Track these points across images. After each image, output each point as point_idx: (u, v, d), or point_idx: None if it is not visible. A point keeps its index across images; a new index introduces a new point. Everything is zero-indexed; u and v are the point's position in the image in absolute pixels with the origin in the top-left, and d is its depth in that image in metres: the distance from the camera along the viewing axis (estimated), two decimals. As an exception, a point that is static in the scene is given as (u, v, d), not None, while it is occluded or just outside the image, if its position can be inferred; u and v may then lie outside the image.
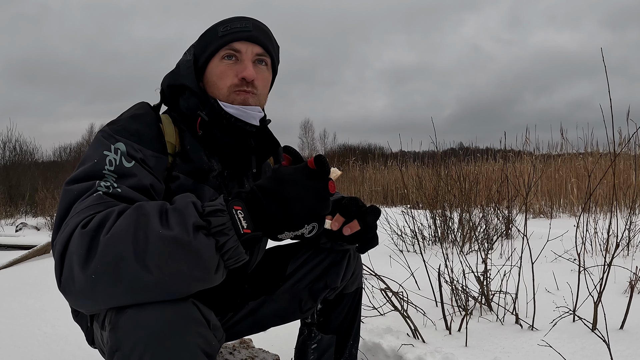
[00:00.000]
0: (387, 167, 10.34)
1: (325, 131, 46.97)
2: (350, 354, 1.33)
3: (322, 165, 0.81)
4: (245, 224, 0.77)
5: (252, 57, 1.06)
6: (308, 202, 0.80)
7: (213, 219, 0.75)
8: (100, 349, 1.07)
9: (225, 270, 0.79)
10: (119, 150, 0.89)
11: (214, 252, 0.75)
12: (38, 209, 10.37)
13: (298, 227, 0.81)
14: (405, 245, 3.78)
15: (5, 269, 4.15)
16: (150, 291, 0.73)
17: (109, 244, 0.72)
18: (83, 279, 0.72)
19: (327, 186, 0.82)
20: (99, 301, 0.74)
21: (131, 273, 0.71)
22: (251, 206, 0.79)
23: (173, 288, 0.74)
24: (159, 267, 0.71)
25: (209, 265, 0.75)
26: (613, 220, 2.35)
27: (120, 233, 0.72)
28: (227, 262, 0.78)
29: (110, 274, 0.71)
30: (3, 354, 1.88)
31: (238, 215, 0.77)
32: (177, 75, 1.08)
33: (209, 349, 0.77)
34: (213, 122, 1.03)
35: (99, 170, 0.86)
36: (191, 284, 0.75)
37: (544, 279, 2.34)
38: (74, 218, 0.78)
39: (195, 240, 0.73)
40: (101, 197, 0.81)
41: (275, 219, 0.79)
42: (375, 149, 24.80)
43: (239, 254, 0.78)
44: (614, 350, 1.43)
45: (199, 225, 0.74)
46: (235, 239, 0.76)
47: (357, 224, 1.02)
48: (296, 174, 0.81)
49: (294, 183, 0.80)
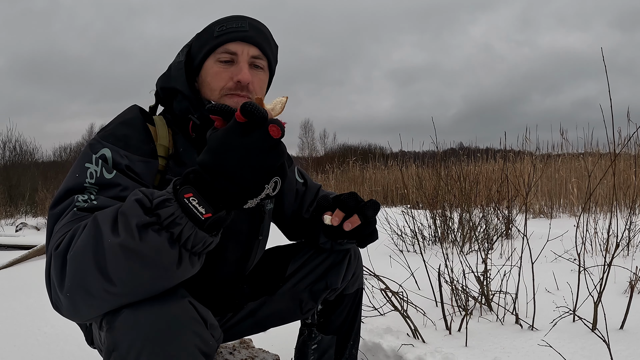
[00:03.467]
0: (387, 167, 10.33)
1: (325, 131, 46.95)
2: (350, 354, 1.33)
3: (251, 115, 0.70)
4: (202, 209, 0.72)
5: (247, 59, 1.04)
6: (254, 161, 0.71)
7: (162, 211, 0.71)
8: (100, 349, 1.07)
9: (196, 258, 0.76)
10: (99, 161, 0.88)
11: (168, 246, 0.71)
12: (38, 209, 10.37)
13: (257, 192, 0.74)
14: (405, 245, 3.78)
15: (5, 269, 4.15)
16: (124, 298, 0.73)
17: (72, 262, 0.73)
18: (63, 299, 0.74)
19: (267, 133, 0.71)
20: (84, 315, 0.75)
21: (99, 287, 0.71)
22: (201, 187, 0.73)
23: (144, 291, 0.74)
24: (119, 277, 0.71)
25: (165, 262, 0.72)
26: (613, 220, 2.35)
27: (80, 248, 0.72)
28: (194, 249, 0.74)
29: (81, 290, 0.72)
30: (3, 354, 1.88)
31: (192, 203, 0.71)
32: (169, 77, 1.07)
33: (206, 349, 0.77)
34: (205, 125, 1.01)
35: (80, 184, 0.86)
36: (159, 284, 0.74)
37: (544, 279, 2.34)
38: (52, 240, 0.79)
39: (142, 242, 0.70)
40: (75, 214, 0.81)
41: (229, 193, 0.72)
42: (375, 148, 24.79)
43: (202, 239, 0.74)
44: (614, 350, 1.43)
45: (145, 223, 0.71)
46: (191, 226, 0.72)
47: (358, 219, 1.02)
48: (228, 137, 0.72)
49: (230, 148, 0.71)
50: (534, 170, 3.78)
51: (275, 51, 1.13)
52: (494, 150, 8.14)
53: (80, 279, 0.71)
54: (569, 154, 7.06)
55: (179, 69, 1.06)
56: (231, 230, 1.07)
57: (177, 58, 1.09)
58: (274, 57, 1.12)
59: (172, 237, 0.71)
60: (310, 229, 1.24)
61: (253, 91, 1.04)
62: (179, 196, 0.72)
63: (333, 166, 11.96)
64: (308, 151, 33.91)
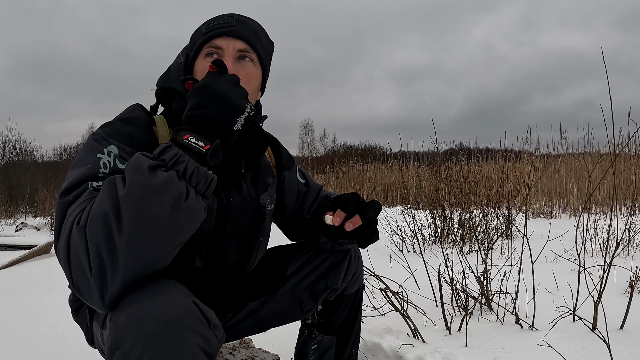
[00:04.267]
0: (387, 167, 10.33)
1: (325, 131, 46.80)
2: (350, 354, 1.33)
3: (221, 64, 0.92)
4: (201, 142, 0.83)
5: (233, 53, 1.02)
6: (234, 88, 0.88)
7: (165, 155, 0.80)
8: (100, 349, 1.07)
9: (201, 197, 0.82)
10: (112, 153, 0.90)
11: (176, 179, 0.78)
12: (38, 209, 10.37)
13: (242, 108, 0.87)
14: (405, 245, 3.78)
15: (5, 269, 4.15)
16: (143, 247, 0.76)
17: (91, 224, 0.75)
18: (92, 270, 0.74)
19: (235, 75, 0.92)
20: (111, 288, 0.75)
21: (120, 237, 0.74)
22: (194, 125, 0.84)
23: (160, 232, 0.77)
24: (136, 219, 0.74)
25: (176, 192, 0.77)
26: (613, 220, 2.35)
27: (96, 208, 0.76)
28: (197, 186, 0.81)
29: (106, 252, 0.74)
30: (3, 354, 1.88)
31: (190, 140, 0.83)
32: (168, 78, 1.07)
33: (208, 348, 0.77)
34: None
35: (94, 174, 0.87)
36: (173, 219, 0.78)
37: (544, 279, 2.34)
38: (70, 218, 0.80)
39: (154, 178, 0.76)
40: (91, 193, 0.84)
41: (220, 117, 0.85)
42: (375, 148, 24.78)
43: (205, 174, 0.82)
44: (614, 350, 1.43)
45: (154, 165, 0.78)
46: (193, 162, 0.80)
47: (359, 219, 1.02)
48: (210, 79, 0.89)
49: (214, 83, 0.87)
50: (534, 170, 3.79)
51: (267, 47, 1.11)
52: (494, 150, 8.15)
53: (102, 237, 0.74)
54: (569, 154, 7.07)
55: (178, 69, 1.06)
56: (232, 232, 1.08)
57: (177, 59, 1.09)
58: (266, 52, 1.09)
59: (178, 173, 0.79)
60: (311, 229, 1.24)
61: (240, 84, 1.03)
62: (178, 139, 0.83)
63: (333, 166, 11.97)
64: (308, 151, 33.90)
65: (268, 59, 1.11)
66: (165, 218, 0.77)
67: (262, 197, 1.14)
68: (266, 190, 1.15)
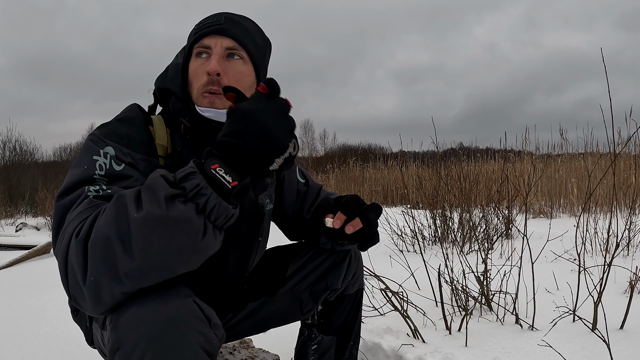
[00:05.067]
0: (387, 167, 10.33)
1: (325, 131, 46.74)
2: (350, 355, 1.33)
3: (274, 86, 0.80)
4: (229, 177, 0.75)
5: (221, 51, 1.01)
6: (280, 121, 0.78)
7: (186, 183, 0.74)
8: (100, 349, 1.07)
9: (218, 232, 0.78)
10: (108, 155, 0.89)
11: (195, 215, 0.73)
12: (38, 209, 10.37)
13: (284, 147, 0.78)
14: (405, 245, 3.78)
15: (5, 269, 4.15)
16: (148, 276, 0.73)
17: (94, 245, 0.72)
18: (86, 286, 0.73)
19: (286, 101, 0.81)
20: (106, 303, 0.74)
21: (125, 265, 0.71)
22: (227, 155, 0.76)
23: (168, 267, 0.74)
24: (145, 250, 0.71)
25: (192, 230, 0.73)
26: (613, 220, 2.35)
27: (101, 228, 0.72)
28: (216, 221, 0.76)
29: (107, 273, 0.71)
30: (3, 354, 1.88)
31: (218, 172, 0.75)
32: (165, 78, 1.07)
33: (209, 348, 0.77)
34: (195, 128, 1.01)
35: (90, 176, 0.86)
36: (184, 256, 0.75)
37: (544, 279, 2.34)
38: (69, 227, 0.78)
39: (171, 211, 0.71)
40: (91, 201, 0.81)
41: (258, 153, 0.76)
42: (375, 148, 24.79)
43: (225, 210, 0.76)
44: (614, 350, 1.43)
45: (172, 195, 0.72)
46: (215, 197, 0.74)
47: (360, 222, 1.02)
48: (256, 103, 0.79)
49: (259, 110, 0.78)
50: (534, 170, 3.78)
51: (261, 44, 1.09)
52: (494, 150, 8.15)
53: (104, 261, 0.71)
54: (569, 154, 7.07)
55: (175, 70, 1.06)
56: (231, 232, 1.07)
57: (175, 59, 1.09)
58: (258, 50, 1.07)
59: (197, 207, 0.73)
60: (311, 229, 1.24)
61: (227, 83, 1.00)
62: (206, 168, 0.75)
63: (333, 166, 11.97)
64: (308, 151, 33.89)
65: (261, 57, 1.08)
66: (177, 254, 0.74)
67: (260, 197, 1.14)
68: (265, 190, 1.15)
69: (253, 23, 1.10)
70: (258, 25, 1.11)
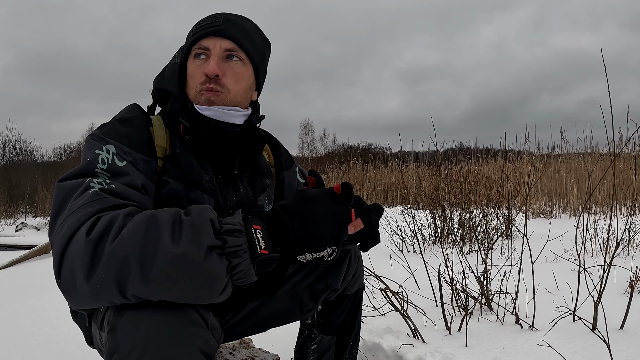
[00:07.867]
0: (387, 167, 10.34)
1: (325, 131, 46.78)
2: (350, 355, 1.33)
3: (348, 192, 0.83)
4: (263, 244, 0.76)
5: (220, 53, 1.01)
6: (332, 224, 0.80)
7: (230, 238, 0.74)
8: (99, 349, 1.07)
9: (230, 289, 0.78)
10: (110, 151, 0.89)
11: (224, 274, 0.73)
12: (38, 209, 10.38)
13: (320, 248, 0.79)
14: (405, 245, 3.78)
15: (5, 269, 4.15)
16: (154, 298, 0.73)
17: (113, 256, 0.71)
18: (87, 289, 0.71)
19: (350, 212, 0.82)
20: (96, 305, 0.74)
21: (136, 287, 0.70)
22: (272, 226, 0.78)
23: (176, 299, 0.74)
24: (163, 283, 0.71)
25: (216, 287, 0.74)
26: (613, 220, 2.35)
27: (127, 242, 0.71)
28: (236, 281, 0.77)
29: (114, 286, 0.71)
30: (3, 354, 1.88)
31: (257, 234, 0.76)
32: (163, 79, 1.06)
33: (207, 349, 0.77)
34: (194, 128, 1.00)
35: (92, 169, 0.86)
36: (196, 300, 0.75)
37: (544, 279, 2.34)
38: (72, 216, 0.77)
39: (206, 262, 0.71)
40: (97, 194, 0.80)
41: (298, 238, 0.78)
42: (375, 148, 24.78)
43: (250, 276, 0.77)
44: (614, 350, 1.43)
45: (213, 246, 0.72)
46: (249, 262, 0.75)
47: (361, 223, 1.02)
48: (323, 196, 0.82)
49: (320, 204, 0.80)
50: (534, 170, 3.79)
51: (260, 45, 1.08)
52: (494, 150, 8.15)
53: (119, 275, 0.70)
54: (569, 154, 7.07)
55: (173, 70, 1.05)
56: None
57: (173, 59, 1.08)
58: (258, 51, 1.07)
59: (229, 265, 0.74)
60: None
61: (225, 84, 1.01)
62: (248, 225, 0.77)
63: (333, 166, 11.97)
64: (308, 151, 33.91)
65: (260, 58, 1.08)
66: (191, 297, 0.74)
67: (259, 198, 1.13)
68: (264, 192, 1.15)
69: (252, 24, 1.09)
70: (257, 25, 1.11)
